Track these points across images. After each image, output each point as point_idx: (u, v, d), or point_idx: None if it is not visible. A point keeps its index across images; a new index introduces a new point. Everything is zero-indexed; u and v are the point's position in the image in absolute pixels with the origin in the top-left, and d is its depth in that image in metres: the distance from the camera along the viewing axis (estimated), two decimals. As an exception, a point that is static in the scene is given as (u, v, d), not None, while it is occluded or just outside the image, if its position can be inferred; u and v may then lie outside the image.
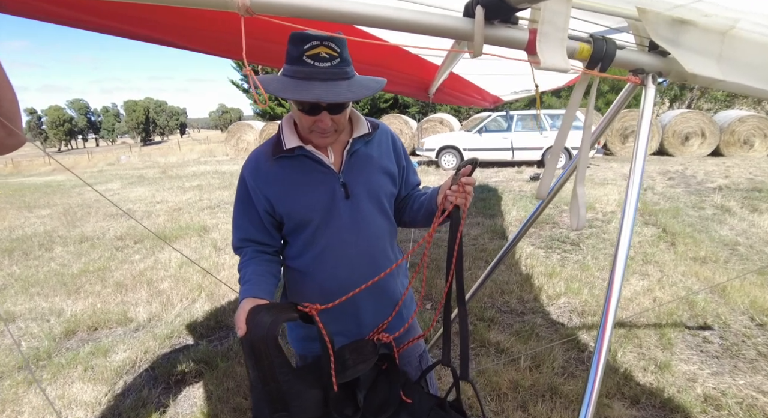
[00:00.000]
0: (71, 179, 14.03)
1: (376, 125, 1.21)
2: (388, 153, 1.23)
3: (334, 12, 0.73)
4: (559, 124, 6.10)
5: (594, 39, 0.83)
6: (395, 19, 0.75)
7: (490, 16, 0.75)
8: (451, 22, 0.77)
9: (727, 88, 0.85)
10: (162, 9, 1.22)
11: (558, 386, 2.31)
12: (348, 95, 0.97)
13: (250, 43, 0.78)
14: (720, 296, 3.31)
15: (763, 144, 12.15)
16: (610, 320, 0.80)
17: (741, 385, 2.32)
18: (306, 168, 1.13)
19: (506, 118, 11.60)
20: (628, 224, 0.83)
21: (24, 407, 2.40)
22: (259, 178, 1.15)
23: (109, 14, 1.23)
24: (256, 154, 1.18)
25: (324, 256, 1.17)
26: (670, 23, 0.80)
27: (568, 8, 0.75)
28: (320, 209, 1.14)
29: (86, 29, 1.33)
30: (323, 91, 0.95)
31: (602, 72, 0.84)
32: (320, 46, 0.94)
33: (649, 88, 0.87)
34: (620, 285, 0.82)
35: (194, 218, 6.89)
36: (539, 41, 0.75)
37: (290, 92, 0.95)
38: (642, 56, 0.87)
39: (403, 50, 1.98)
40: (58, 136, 73.99)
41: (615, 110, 1.27)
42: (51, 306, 3.73)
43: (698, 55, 0.82)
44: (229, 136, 18.03)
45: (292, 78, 0.97)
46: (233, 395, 2.38)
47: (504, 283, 3.66)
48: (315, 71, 0.95)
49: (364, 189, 1.16)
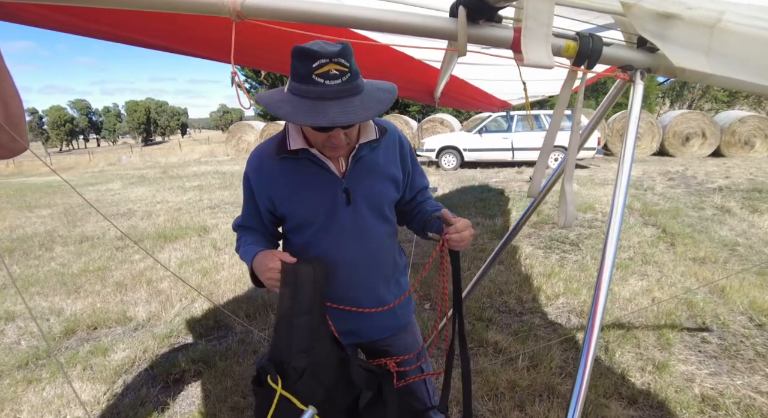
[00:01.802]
0: (72, 180, 14.07)
1: (384, 130, 1.19)
2: (395, 159, 1.22)
3: (322, 15, 0.74)
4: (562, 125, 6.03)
5: (580, 36, 0.83)
6: (381, 20, 0.76)
7: (473, 16, 0.76)
8: (435, 22, 0.78)
9: (717, 82, 0.84)
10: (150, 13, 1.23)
11: (555, 385, 2.32)
12: (362, 114, 0.93)
13: (240, 46, 0.79)
14: (719, 296, 3.31)
15: (763, 145, 12.14)
16: (599, 312, 0.80)
17: (739, 385, 2.32)
18: (309, 171, 1.12)
19: (506, 118, 11.60)
20: (617, 221, 0.83)
21: (23, 406, 2.40)
22: (263, 177, 1.15)
23: (101, 20, 1.24)
24: (259, 152, 1.18)
25: (323, 260, 1.16)
26: (656, 17, 0.80)
27: (552, 5, 0.75)
28: (321, 212, 1.14)
29: (84, 36, 1.34)
30: (338, 112, 0.91)
31: (589, 69, 0.84)
32: (329, 63, 0.89)
33: (638, 85, 0.87)
34: (608, 283, 0.83)
35: (194, 218, 6.90)
36: (524, 37, 0.75)
37: (303, 117, 0.92)
38: (630, 52, 0.87)
39: (407, 56, 1.99)
40: (60, 136, 74.08)
41: (604, 108, 1.27)
42: (51, 305, 3.74)
43: (686, 49, 0.81)
44: (229, 137, 18.06)
45: (303, 98, 0.93)
46: (231, 394, 2.38)
47: (503, 283, 3.66)
48: (326, 91, 0.91)
49: (366, 196, 1.16)
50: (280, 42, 1.14)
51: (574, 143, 0.94)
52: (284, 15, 0.73)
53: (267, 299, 3.58)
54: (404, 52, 1.90)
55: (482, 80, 2.75)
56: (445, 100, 2.96)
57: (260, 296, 3.64)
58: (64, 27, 1.22)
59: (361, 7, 0.75)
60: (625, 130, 0.86)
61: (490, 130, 11.64)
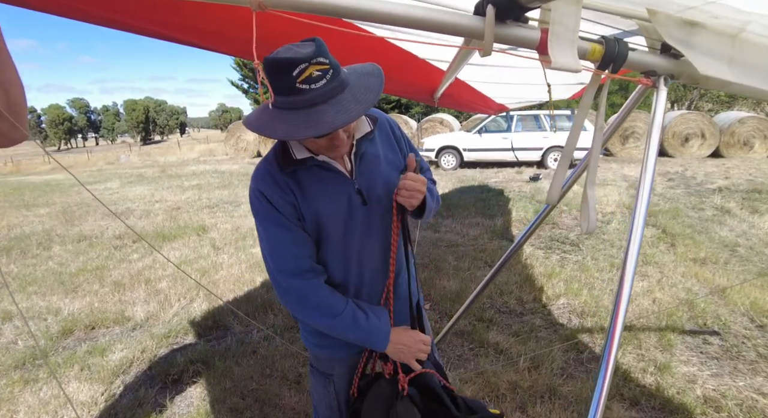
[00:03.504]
0: (70, 178, 14.01)
1: (375, 119, 1.16)
2: (391, 145, 1.20)
3: (347, 8, 0.72)
4: (559, 125, 6.13)
5: (606, 40, 0.82)
6: (408, 16, 0.74)
7: (501, 15, 0.75)
8: (462, 19, 0.76)
9: (739, 90, 0.85)
10: (171, 5, 1.21)
11: (557, 387, 2.30)
12: (358, 109, 0.89)
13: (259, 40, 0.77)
14: (720, 298, 3.30)
15: (763, 145, 12.14)
16: (620, 322, 0.79)
17: (741, 387, 2.31)
18: (322, 178, 1.07)
19: (506, 118, 11.60)
20: (639, 225, 0.82)
21: (20, 406, 2.38)
22: (285, 193, 1.04)
23: (116, 8, 1.22)
24: (263, 173, 1.07)
25: (349, 266, 1.14)
26: (681, 25, 0.79)
27: (579, 9, 0.74)
28: (341, 220, 1.09)
29: (94, 23, 1.31)
30: (334, 114, 0.87)
31: (614, 73, 0.83)
32: (309, 66, 0.84)
33: (661, 90, 0.87)
34: (630, 287, 0.81)
35: (193, 218, 6.88)
36: (551, 41, 0.75)
37: (303, 130, 0.87)
38: (654, 58, 0.86)
39: (411, 55, 1.97)
40: (58, 135, 73.87)
41: (626, 112, 1.26)
42: (48, 305, 3.71)
43: (710, 57, 0.81)
44: (228, 136, 18.00)
45: (292, 110, 0.88)
46: (230, 394, 2.36)
47: (503, 283, 3.65)
48: (315, 96, 0.87)
49: (379, 193, 1.12)
50: (302, 35, 1.12)
51: (596, 148, 0.92)
52: (308, 7, 0.70)
53: (266, 298, 3.56)
54: (408, 51, 1.88)
55: (480, 82, 2.73)
56: (442, 101, 2.94)
57: (259, 296, 3.62)
58: (76, 14, 1.20)
59: (389, 1, 0.74)
60: (648, 135, 0.85)
61: (489, 130, 11.63)
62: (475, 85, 2.78)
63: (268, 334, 2.98)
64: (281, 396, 2.33)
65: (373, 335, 1.09)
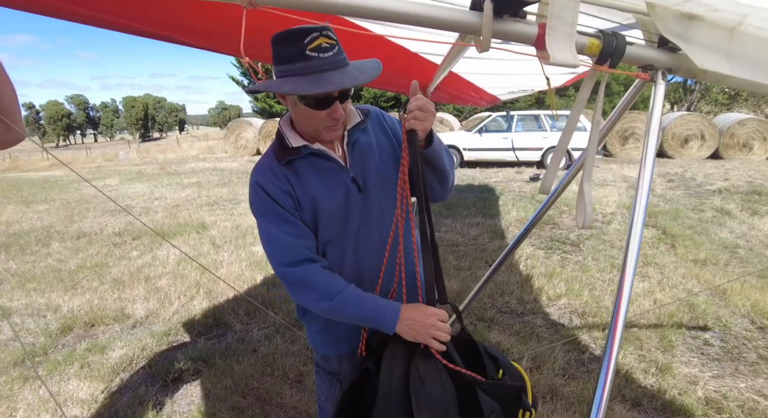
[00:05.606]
0: (69, 175, 13.96)
1: (366, 112, 1.18)
2: (385, 133, 1.21)
3: (343, 4, 0.71)
4: (559, 125, 6.16)
5: (604, 34, 0.81)
6: (403, 11, 0.74)
7: (498, 10, 0.74)
8: (458, 15, 0.76)
9: (737, 84, 0.84)
10: (163, 5, 1.20)
11: (558, 387, 2.30)
12: (361, 77, 0.95)
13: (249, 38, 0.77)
14: (720, 299, 3.31)
15: (762, 147, 12.17)
16: (620, 322, 0.78)
17: (742, 388, 2.31)
18: (318, 167, 1.09)
19: (506, 118, 11.60)
20: (639, 223, 0.81)
21: (19, 404, 2.37)
22: (282, 183, 1.06)
23: (109, 10, 1.21)
24: (262, 167, 1.09)
25: (346, 254, 1.13)
26: (679, 18, 0.79)
27: (577, 2, 0.73)
28: (338, 207, 1.10)
29: (89, 25, 1.31)
30: (341, 78, 0.93)
31: (612, 68, 0.82)
32: (320, 36, 0.91)
33: (659, 85, 0.86)
34: (630, 287, 0.80)
35: (193, 215, 6.86)
36: (548, 36, 0.74)
37: (309, 87, 0.91)
38: (652, 52, 0.86)
39: (404, 49, 1.96)
40: (57, 131, 73.69)
41: (623, 108, 1.25)
42: (48, 302, 3.70)
43: (708, 50, 0.81)
44: (228, 134, 17.97)
45: (300, 75, 0.92)
46: (231, 393, 2.36)
47: (504, 283, 3.64)
48: (323, 63, 0.92)
49: (373, 180, 1.13)
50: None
51: (593, 142, 0.92)
52: (299, 4, 0.70)
53: (266, 297, 3.55)
54: (401, 45, 1.87)
55: (472, 74, 2.72)
56: (436, 95, 2.92)
57: (260, 295, 3.61)
58: (71, 16, 1.19)
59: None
60: (647, 130, 0.85)
61: (489, 130, 11.63)
62: (467, 76, 2.77)
63: (271, 332, 2.97)
64: (282, 395, 2.33)
65: (380, 313, 1.02)
